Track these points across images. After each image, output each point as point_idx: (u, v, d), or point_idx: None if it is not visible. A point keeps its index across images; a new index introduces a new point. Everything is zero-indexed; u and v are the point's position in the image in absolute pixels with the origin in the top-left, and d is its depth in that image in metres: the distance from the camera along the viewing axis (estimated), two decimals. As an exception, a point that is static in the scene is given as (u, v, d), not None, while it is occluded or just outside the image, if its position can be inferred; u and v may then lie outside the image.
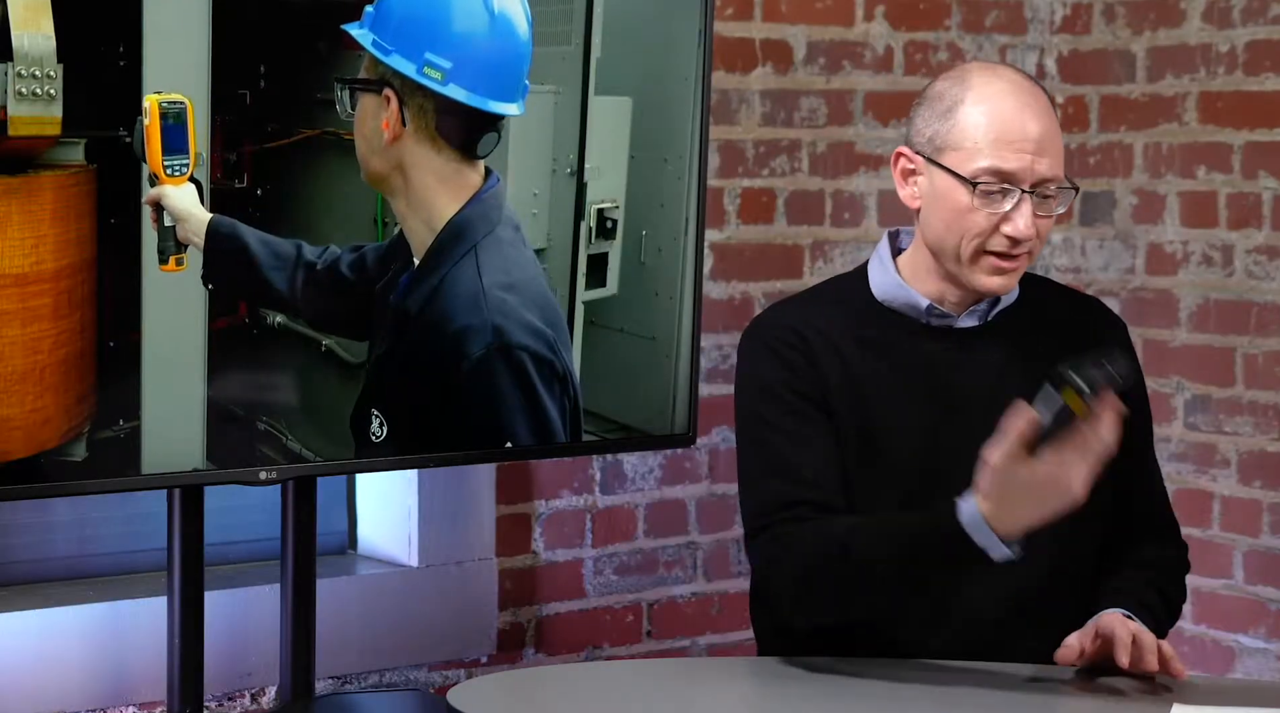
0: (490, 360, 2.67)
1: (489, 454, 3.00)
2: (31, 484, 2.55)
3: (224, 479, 2.65)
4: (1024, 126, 2.39)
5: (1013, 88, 2.42)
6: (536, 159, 2.84)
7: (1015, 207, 2.39)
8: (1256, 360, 3.53)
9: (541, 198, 2.86)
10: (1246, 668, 3.55)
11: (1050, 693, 2.35)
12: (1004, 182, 2.39)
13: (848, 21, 3.57)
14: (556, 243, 2.88)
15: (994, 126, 2.40)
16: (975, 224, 2.41)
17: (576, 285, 2.88)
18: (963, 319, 2.50)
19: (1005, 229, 2.40)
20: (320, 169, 2.68)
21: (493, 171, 2.73)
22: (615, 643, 3.41)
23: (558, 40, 2.84)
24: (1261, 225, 3.52)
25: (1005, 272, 2.43)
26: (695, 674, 2.47)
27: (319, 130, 2.65)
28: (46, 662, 2.85)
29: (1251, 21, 3.51)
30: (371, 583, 3.18)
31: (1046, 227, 2.43)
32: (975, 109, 2.41)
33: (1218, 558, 3.58)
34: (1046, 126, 2.41)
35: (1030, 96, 2.42)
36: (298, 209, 2.67)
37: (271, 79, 2.61)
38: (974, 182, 2.39)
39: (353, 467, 2.83)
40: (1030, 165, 2.38)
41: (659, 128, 2.96)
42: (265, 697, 3.04)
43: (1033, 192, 2.39)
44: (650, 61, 2.95)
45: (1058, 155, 2.41)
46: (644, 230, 2.97)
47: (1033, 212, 2.39)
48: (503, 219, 2.72)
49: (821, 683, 2.34)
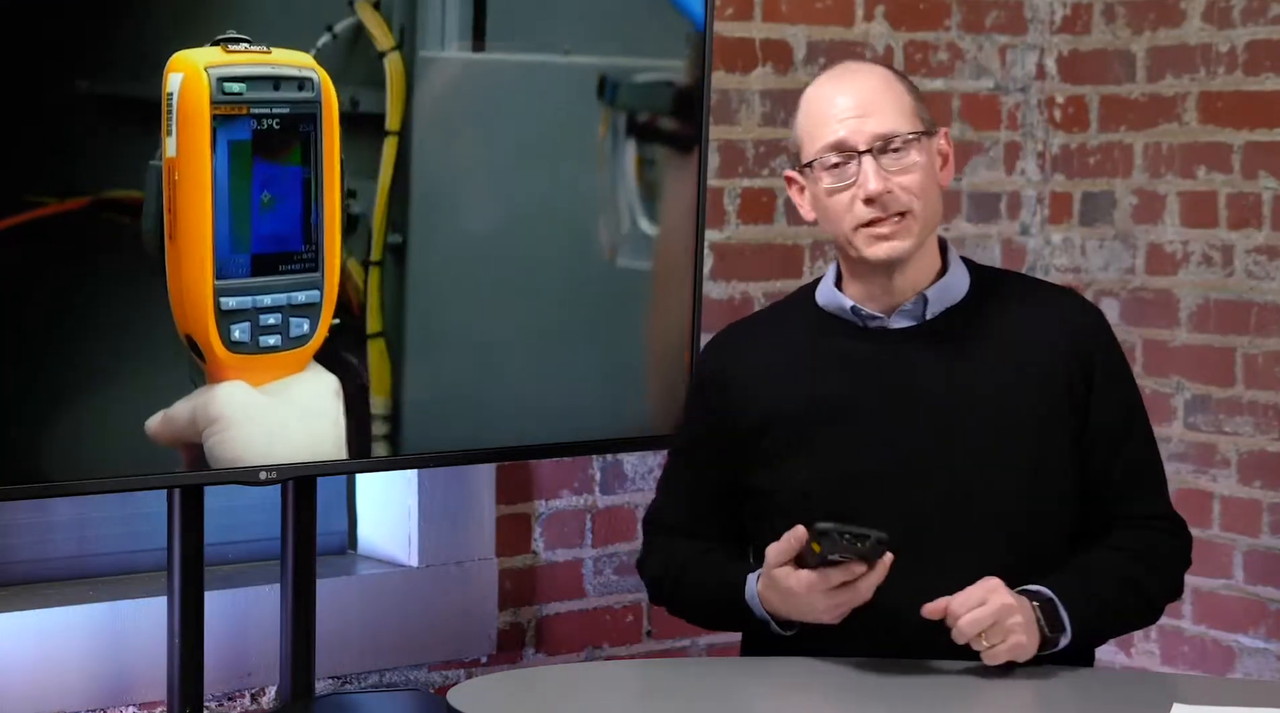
0: None
1: (489, 454, 3.01)
2: (31, 484, 2.55)
3: (224, 479, 2.65)
4: (837, 100, 2.46)
5: (832, 74, 2.53)
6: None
7: (859, 170, 2.43)
8: (1256, 360, 3.53)
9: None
10: (1246, 668, 3.55)
11: (1050, 693, 2.35)
12: (840, 151, 2.44)
13: (848, 21, 3.57)
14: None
15: (815, 110, 2.49)
16: (840, 203, 2.45)
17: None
18: (895, 320, 2.51)
19: (858, 194, 2.44)
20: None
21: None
22: (615, 643, 3.41)
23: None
24: (1261, 225, 3.52)
25: (887, 237, 2.45)
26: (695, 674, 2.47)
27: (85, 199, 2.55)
28: (46, 662, 2.85)
29: (1251, 21, 3.51)
30: (371, 583, 3.18)
31: (912, 180, 2.45)
32: (806, 104, 2.51)
33: (1218, 558, 3.58)
34: (871, 89, 2.46)
35: (852, 74, 2.51)
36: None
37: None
38: (816, 162, 2.46)
39: (353, 467, 2.83)
40: (858, 128, 2.44)
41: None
42: (265, 697, 3.04)
43: (874, 150, 2.43)
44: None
45: (890, 111, 2.45)
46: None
47: (879, 170, 2.42)
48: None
49: (822, 683, 2.34)
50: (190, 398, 2.59)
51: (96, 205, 2.51)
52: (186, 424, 2.59)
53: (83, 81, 2.49)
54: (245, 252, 2.56)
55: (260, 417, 2.62)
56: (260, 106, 2.56)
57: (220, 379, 2.59)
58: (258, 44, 2.56)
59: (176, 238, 2.53)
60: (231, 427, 2.60)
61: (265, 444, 2.64)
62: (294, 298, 2.61)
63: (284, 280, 2.60)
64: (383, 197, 2.72)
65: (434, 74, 2.75)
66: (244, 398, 2.61)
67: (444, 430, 2.83)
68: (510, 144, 2.83)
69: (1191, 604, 3.61)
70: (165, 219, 2.52)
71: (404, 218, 2.74)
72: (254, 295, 2.57)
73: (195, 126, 2.51)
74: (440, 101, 2.76)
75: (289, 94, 2.58)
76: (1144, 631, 3.67)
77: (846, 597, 2.33)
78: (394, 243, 2.74)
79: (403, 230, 2.75)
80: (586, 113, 2.89)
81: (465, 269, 2.82)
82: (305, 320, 2.63)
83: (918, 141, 2.45)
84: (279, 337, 2.61)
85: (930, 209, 2.47)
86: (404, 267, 2.76)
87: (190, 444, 2.60)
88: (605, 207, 2.93)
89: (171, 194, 2.52)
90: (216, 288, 2.54)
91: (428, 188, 2.75)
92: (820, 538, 2.25)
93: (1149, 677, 2.29)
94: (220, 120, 2.53)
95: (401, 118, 2.72)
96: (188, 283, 2.54)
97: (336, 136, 2.62)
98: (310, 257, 2.62)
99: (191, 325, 2.55)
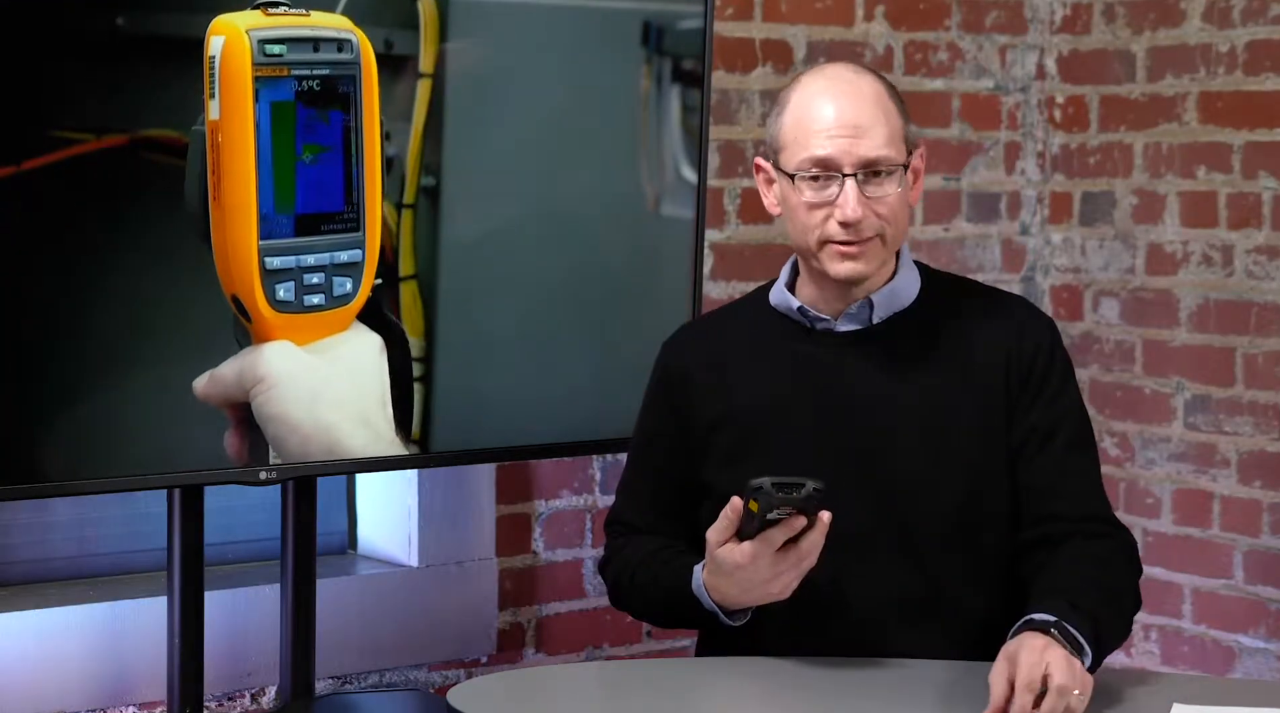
0: None
1: (489, 454, 3.01)
2: (31, 484, 2.55)
3: (224, 479, 2.65)
4: (837, 114, 2.43)
5: (830, 81, 2.48)
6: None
7: (840, 192, 2.42)
8: (1256, 360, 3.53)
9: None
10: (1246, 668, 3.55)
11: (1050, 693, 2.34)
12: (825, 168, 2.43)
13: (848, 21, 3.58)
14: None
15: (808, 118, 2.45)
16: (813, 217, 2.44)
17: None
18: (843, 323, 2.51)
19: (835, 215, 2.43)
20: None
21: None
22: (615, 643, 3.41)
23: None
24: (1261, 225, 3.52)
25: (853, 257, 2.44)
26: (695, 674, 2.47)
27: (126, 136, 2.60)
28: (46, 662, 2.85)
29: (1251, 21, 3.51)
30: (371, 583, 3.18)
31: (890, 208, 2.44)
32: (795, 106, 2.47)
33: (1218, 558, 3.58)
34: (865, 111, 2.43)
35: (849, 86, 2.46)
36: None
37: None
38: (797, 173, 2.44)
39: (353, 467, 2.83)
40: (848, 149, 2.42)
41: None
42: (265, 697, 3.04)
43: (858, 174, 2.42)
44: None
45: (883, 137, 2.43)
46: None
47: (860, 194, 2.41)
48: None
49: (822, 683, 2.34)
50: (237, 358, 2.62)
51: (137, 143, 2.54)
52: (233, 383, 2.62)
53: (120, 18, 2.52)
54: (289, 212, 2.59)
55: (306, 374, 2.64)
56: (301, 68, 2.58)
57: (266, 339, 2.61)
58: (296, 6, 2.59)
59: (221, 199, 2.55)
60: (278, 385, 2.62)
61: (312, 402, 2.66)
62: (336, 257, 2.64)
63: (327, 240, 2.63)
64: (416, 139, 2.75)
65: (468, 16, 2.77)
66: (289, 356, 2.63)
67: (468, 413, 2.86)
68: (547, 90, 2.85)
69: (1191, 604, 3.61)
70: (210, 182, 2.55)
71: (438, 161, 2.77)
72: (298, 255, 2.60)
73: (238, 89, 2.54)
74: (475, 44, 2.78)
75: (329, 55, 2.60)
76: (1144, 631, 3.67)
77: (792, 560, 2.30)
78: (427, 186, 2.77)
79: (436, 173, 2.77)
80: (628, 58, 2.90)
81: (494, 213, 2.85)
82: (348, 279, 2.65)
83: (899, 170, 2.44)
84: (323, 296, 2.64)
85: (899, 232, 2.47)
86: (437, 210, 2.78)
87: (237, 404, 2.63)
88: (648, 154, 2.95)
89: (216, 157, 2.54)
90: (261, 248, 2.57)
91: (460, 131, 2.78)
92: (755, 494, 2.23)
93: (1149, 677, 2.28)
94: (262, 82, 2.55)
95: (435, 60, 2.74)
96: (233, 244, 2.56)
97: (376, 98, 2.64)
98: (352, 217, 2.65)
99: (238, 285, 2.58)
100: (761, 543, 2.29)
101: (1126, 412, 3.69)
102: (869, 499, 2.45)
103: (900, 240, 2.49)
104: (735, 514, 2.29)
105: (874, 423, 2.47)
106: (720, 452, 2.53)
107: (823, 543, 2.30)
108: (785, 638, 2.45)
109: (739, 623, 2.42)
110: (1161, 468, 3.67)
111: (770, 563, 2.30)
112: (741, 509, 2.27)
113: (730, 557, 2.32)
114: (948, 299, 2.55)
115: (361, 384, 2.72)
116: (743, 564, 2.31)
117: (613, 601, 2.64)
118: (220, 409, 2.63)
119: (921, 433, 2.46)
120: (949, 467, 2.46)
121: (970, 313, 2.55)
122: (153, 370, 2.60)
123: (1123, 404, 3.70)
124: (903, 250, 2.55)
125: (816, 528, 2.29)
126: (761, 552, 2.29)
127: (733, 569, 2.33)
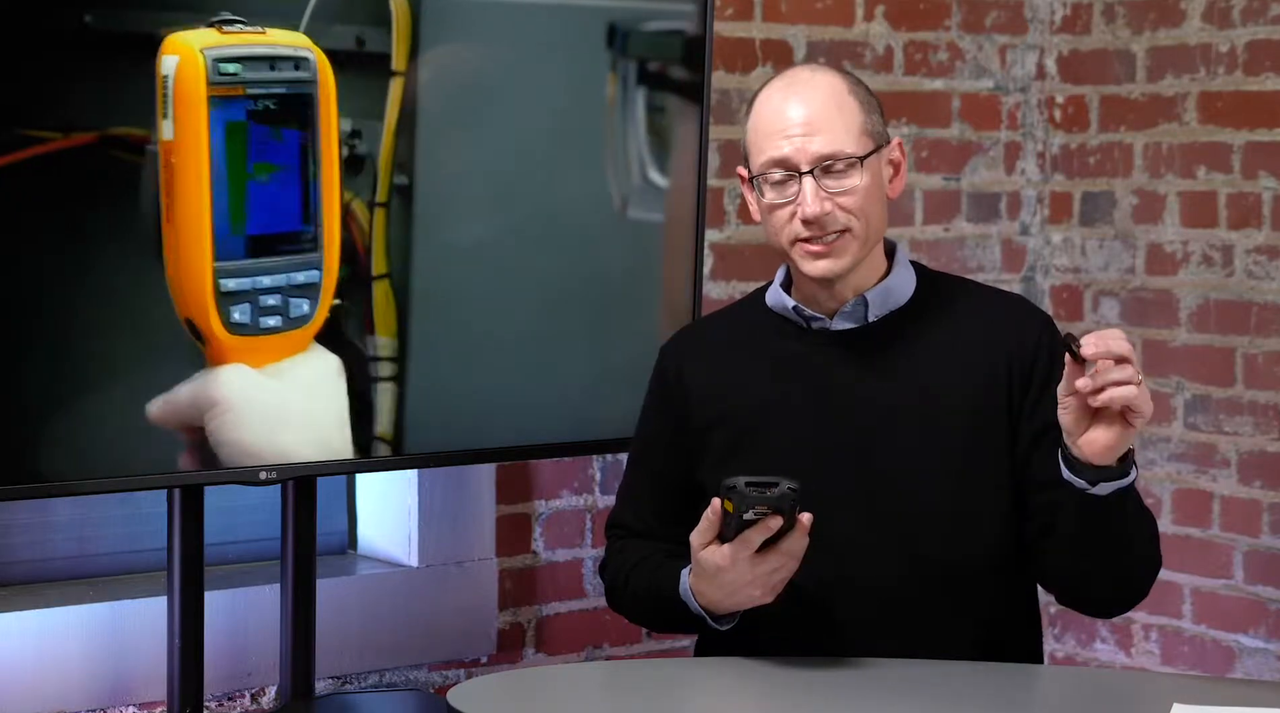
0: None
1: (489, 454, 3.01)
2: (31, 484, 2.55)
3: (224, 479, 2.65)
4: (786, 113, 2.44)
5: (786, 83, 2.49)
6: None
7: (800, 191, 2.43)
8: (1256, 360, 3.53)
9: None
10: (1246, 668, 3.55)
11: (1050, 693, 2.35)
12: (783, 168, 2.43)
13: (848, 21, 3.58)
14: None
15: (763, 121, 2.47)
16: (780, 217, 2.46)
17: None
18: (838, 321, 2.52)
19: (798, 213, 2.43)
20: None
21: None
22: (615, 643, 3.41)
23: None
24: (1261, 225, 3.52)
25: (823, 255, 2.45)
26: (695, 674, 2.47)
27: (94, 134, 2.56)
28: (46, 662, 2.85)
29: (1251, 21, 3.51)
30: (371, 583, 3.18)
31: (851, 201, 2.44)
32: (755, 112, 2.49)
33: (1218, 558, 3.58)
34: (816, 107, 2.44)
35: (803, 86, 2.47)
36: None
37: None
38: (759, 176, 2.46)
39: (353, 467, 2.83)
40: (801, 147, 2.43)
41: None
42: (265, 697, 3.04)
43: (815, 171, 2.42)
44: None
45: (837, 130, 2.43)
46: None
47: (819, 192, 2.42)
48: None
49: (821, 683, 2.34)
50: (191, 381, 2.59)
51: (105, 142, 2.51)
52: (188, 406, 2.60)
53: (87, 15, 2.49)
54: (243, 233, 2.56)
55: (262, 398, 2.63)
56: (256, 87, 2.55)
57: (221, 362, 2.60)
58: (253, 23, 2.56)
59: (175, 221, 2.52)
60: (232, 410, 2.61)
61: (268, 426, 2.64)
62: (293, 278, 2.61)
63: (283, 261, 2.60)
64: (389, 137, 2.73)
65: (440, 14, 2.75)
66: (245, 380, 2.61)
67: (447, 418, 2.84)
68: (516, 88, 2.84)
69: (1191, 604, 3.61)
70: (162, 203, 2.52)
71: (410, 159, 2.75)
72: (253, 276, 2.57)
73: (192, 109, 2.51)
74: (447, 42, 2.77)
75: (285, 74, 2.57)
76: (1144, 631, 3.67)
77: (773, 562, 2.30)
78: (400, 184, 2.75)
79: (408, 172, 2.75)
80: (594, 60, 2.89)
81: (470, 213, 2.83)
82: (305, 301, 2.63)
83: (861, 163, 2.44)
84: (279, 317, 2.61)
85: (872, 226, 2.47)
86: (410, 208, 2.76)
87: (192, 427, 2.61)
88: (614, 156, 2.93)
89: (169, 177, 2.51)
90: (216, 270, 2.54)
91: (432, 129, 2.76)
92: (729, 493, 2.23)
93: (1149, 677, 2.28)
94: (217, 102, 2.52)
95: (408, 58, 2.73)
96: (186, 265, 2.54)
97: (334, 116, 2.62)
98: (310, 237, 2.62)
99: (191, 308, 2.55)
100: (740, 545, 2.29)
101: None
102: (865, 498, 2.45)
103: (878, 234, 2.49)
104: (716, 515, 2.29)
105: (869, 421, 2.47)
106: (716, 452, 2.53)
107: (805, 545, 2.30)
108: (781, 637, 2.45)
109: (725, 628, 2.43)
110: (1161, 468, 3.67)
111: (749, 565, 2.30)
112: (719, 513, 2.28)
113: (711, 559, 2.32)
114: (943, 298, 2.56)
115: (320, 407, 2.71)
116: (723, 567, 2.32)
117: (610, 603, 2.65)
118: (176, 431, 2.61)
119: (917, 431, 2.46)
120: (945, 465, 2.46)
121: (966, 311, 2.55)
122: (153, 370, 2.59)
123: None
124: (898, 249, 2.55)
125: (797, 530, 2.29)
126: (740, 553, 2.29)
127: (714, 572, 2.33)
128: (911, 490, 2.45)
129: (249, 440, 2.63)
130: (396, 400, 2.79)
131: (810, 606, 2.43)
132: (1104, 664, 3.74)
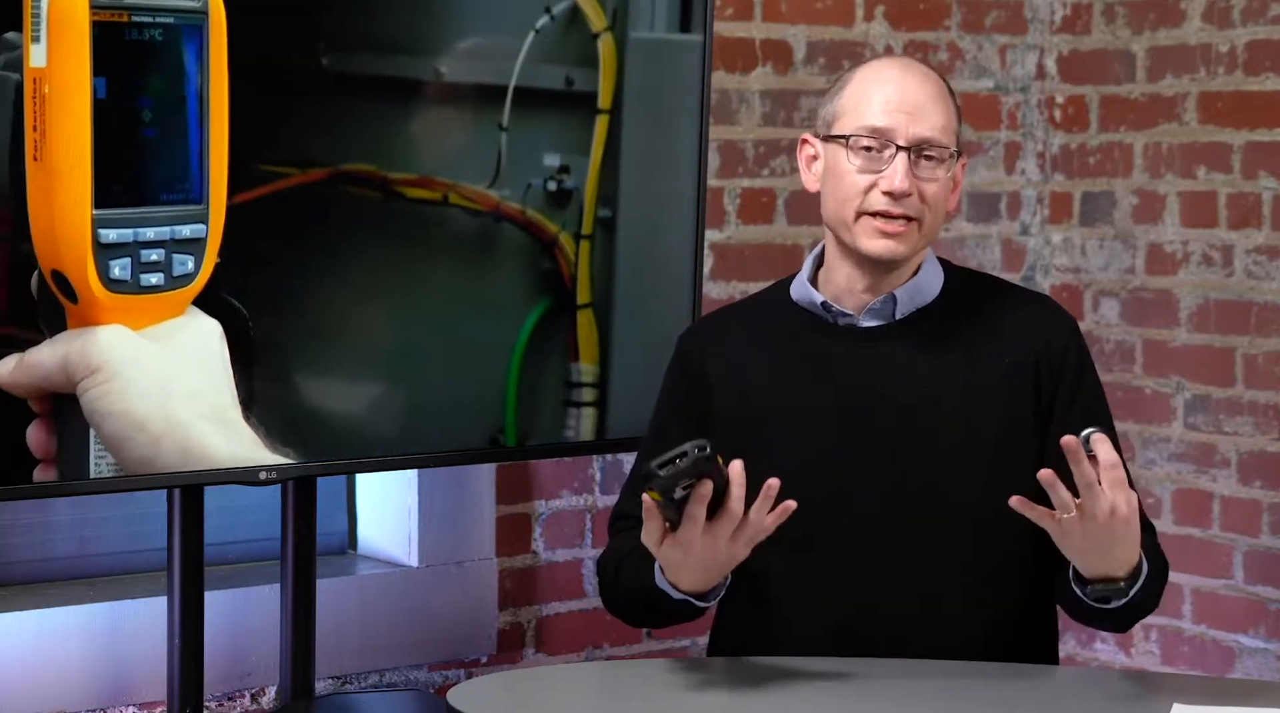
0: None
1: (489, 454, 3.01)
2: (31, 484, 2.54)
3: (224, 479, 2.64)
4: (900, 91, 2.46)
5: (898, 65, 2.52)
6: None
7: (890, 163, 2.43)
8: (1256, 360, 3.53)
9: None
10: (1246, 668, 3.55)
11: (1049, 693, 2.35)
12: (880, 138, 2.44)
13: (848, 21, 3.58)
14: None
15: (870, 90, 2.47)
16: (856, 184, 2.45)
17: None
18: (865, 318, 2.51)
19: (881, 185, 2.43)
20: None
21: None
22: (615, 643, 3.41)
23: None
24: (1261, 225, 3.52)
25: (889, 235, 2.44)
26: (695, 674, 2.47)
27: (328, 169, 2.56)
28: (46, 662, 2.85)
29: (1251, 21, 3.51)
30: (371, 583, 3.18)
31: (933, 191, 2.45)
32: (860, 80, 2.50)
33: (1218, 558, 3.58)
34: (928, 95, 2.46)
35: (916, 70, 2.50)
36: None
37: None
38: (852, 137, 2.45)
39: (353, 467, 2.83)
40: (905, 125, 2.44)
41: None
42: (265, 697, 3.04)
43: (911, 150, 2.43)
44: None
45: (939, 121, 2.45)
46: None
47: (910, 170, 2.42)
48: None
49: (822, 683, 2.34)
50: (59, 342, 2.36)
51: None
52: (56, 371, 2.36)
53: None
54: (124, 178, 2.31)
55: (148, 365, 2.40)
56: (143, 14, 2.31)
57: (94, 322, 2.34)
58: None
59: (45, 160, 2.26)
60: (118, 377, 2.38)
61: (156, 396, 2.43)
62: (178, 232, 2.37)
63: (167, 212, 2.35)
64: (594, 172, 2.86)
65: (644, 54, 2.89)
66: (130, 343, 2.38)
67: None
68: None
69: (1191, 604, 3.61)
70: (28, 138, 2.26)
71: (614, 193, 2.88)
72: (135, 227, 2.32)
73: (71, 34, 2.25)
74: (649, 81, 2.91)
75: (175, 1, 2.36)
76: (1144, 631, 3.67)
77: (726, 523, 2.25)
78: (604, 217, 2.88)
79: (612, 205, 2.88)
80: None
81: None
82: (190, 257, 2.40)
83: (948, 160, 2.46)
84: (161, 275, 2.37)
85: (935, 225, 2.48)
86: (613, 240, 2.90)
87: (48, 396, 2.37)
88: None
89: (39, 109, 2.25)
90: (95, 219, 2.28)
91: (635, 164, 2.91)
92: (649, 485, 2.21)
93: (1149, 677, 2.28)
94: (99, 28, 2.27)
95: (613, 96, 2.85)
96: (61, 212, 2.27)
97: (225, 58, 2.40)
98: (195, 187, 2.40)
99: (64, 260, 2.29)
100: (689, 525, 2.25)
101: (1127, 412, 3.69)
102: (890, 495, 2.45)
103: (934, 234, 2.50)
104: (650, 512, 2.26)
105: (896, 419, 2.47)
106: (739, 446, 2.51)
107: (744, 492, 2.25)
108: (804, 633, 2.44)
109: (714, 601, 2.42)
110: (1161, 468, 3.67)
111: (710, 538, 2.27)
112: (653, 506, 2.25)
113: (671, 554, 2.31)
114: (971, 295, 2.56)
115: (210, 376, 2.50)
116: (686, 554, 2.29)
117: (603, 602, 2.63)
118: (27, 399, 2.37)
119: (944, 428, 2.46)
120: (971, 463, 2.45)
121: (994, 310, 2.54)
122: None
123: (1123, 404, 3.70)
124: (926, 248, 2.56)
125: (733, 484, 2.25)
126: (692, 533, 2.26)
127: (680, 562, 2.32)
128: (938, 489, 2.45)
129: (138, 411, 2.40)
130: (597, 426, 2.94)
131: (832, 603, 2.42)
132: (1104, 664, 3.74)
